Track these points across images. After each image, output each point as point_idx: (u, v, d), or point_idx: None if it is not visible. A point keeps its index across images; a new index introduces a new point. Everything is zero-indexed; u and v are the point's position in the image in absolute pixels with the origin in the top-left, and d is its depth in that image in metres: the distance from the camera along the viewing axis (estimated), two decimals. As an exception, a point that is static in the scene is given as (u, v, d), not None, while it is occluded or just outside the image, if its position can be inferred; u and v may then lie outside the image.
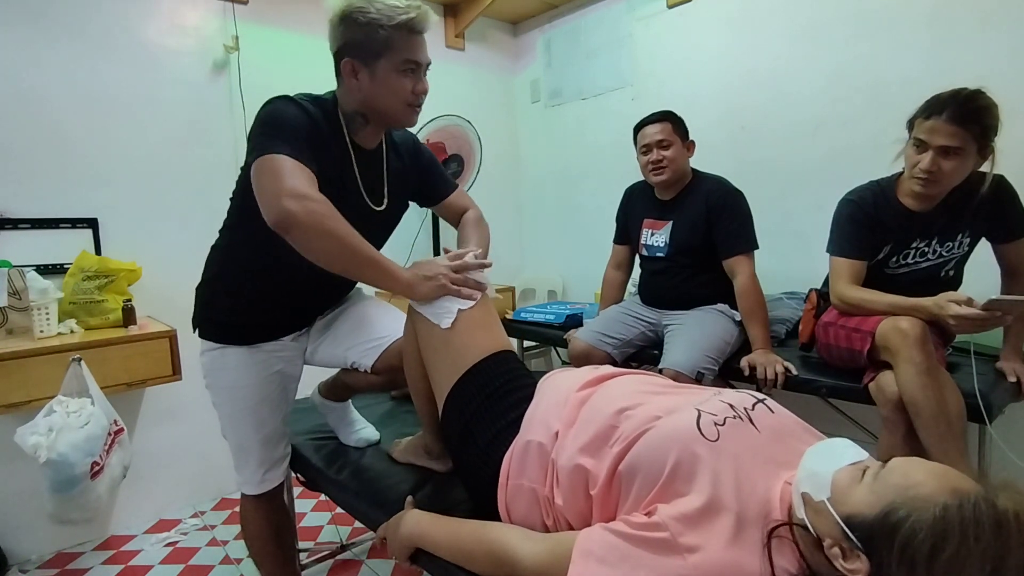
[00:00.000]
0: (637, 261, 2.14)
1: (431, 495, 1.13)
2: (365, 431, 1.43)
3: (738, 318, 1.83)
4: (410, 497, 1.07)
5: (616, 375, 1.02)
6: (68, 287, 1.87)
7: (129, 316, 1.91)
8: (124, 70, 2.07)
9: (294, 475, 1.48)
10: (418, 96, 1.15)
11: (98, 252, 2.02)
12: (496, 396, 1.02)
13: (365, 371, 1.31)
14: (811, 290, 1.75)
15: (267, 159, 1.00)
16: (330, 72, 1.17)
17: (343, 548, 1.95)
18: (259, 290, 1.26)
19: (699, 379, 1.65)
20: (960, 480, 0.64)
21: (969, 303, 1.29)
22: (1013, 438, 1.51)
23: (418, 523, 0.96)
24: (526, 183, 3.40)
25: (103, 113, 2.04)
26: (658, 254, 1.98)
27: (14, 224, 1.89)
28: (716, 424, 0.79)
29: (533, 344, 2.92)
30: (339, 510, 1.92)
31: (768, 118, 2.30)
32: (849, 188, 1.63)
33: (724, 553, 0.68)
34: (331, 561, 1.90)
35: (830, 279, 1.62)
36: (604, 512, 0.82)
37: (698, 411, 0.82)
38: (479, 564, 0.86)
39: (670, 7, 2.57)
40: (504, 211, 1.44)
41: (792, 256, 2.20)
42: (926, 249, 1.54)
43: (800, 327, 1.79)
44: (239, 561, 1.91)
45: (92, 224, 2.03)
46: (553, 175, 3.23)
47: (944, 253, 1.53)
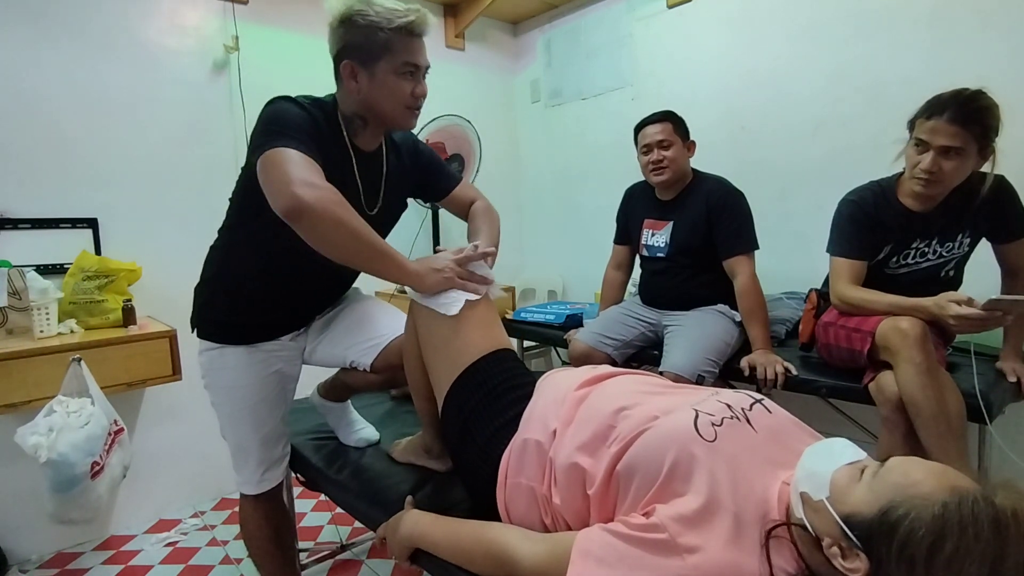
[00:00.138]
0: (637, 261, 2.14)
1: (431, 495, 1.13)
2: (365, 431, 1.43)
3: (738, 319, 1.83)
4: (410, 497, 1.08)
5: (615, 375, 1.02)
6: (68, 287, 1.87)
7: (129, 316, 1.92)
8: (124, 70, 2.07)
9: (294, 475, 1.48)
10: (417, 99, 1.15)
11: (98, 252, 2.02)
12: (495, 394, 1.02)
13: (365, 370, 1.31)
14: (811, 290, 1.75)
15: (274, 153, 1.00)
16: (330, 73, 1.18)
17: (343, 548, 1.95)
18: (258, 290, 1.26)
19: (699, 382, 1.65)
20: (959, 479, 0.64)
21: (969, 303, 1.29)
22: (1013, 438, 1.51)
23: (417, 523, 0.96)
24: (526, 183, 3.40)
25: (103, 113, 2.04)
26: (658, 254, 1.98)
27: (14, 224, 1.89)
28: (713, 424, 0.79)
29: (533, 344, 2.92)
30: (339, 510, 1.92)
31: (768, 118, 2.30)
32: (849, 188, 1.63)
33: (723, 553, 0.68)
34: (331, 561, 1.90)
35: (830, 279, 1.62)
36: (602, 512, 0.82)
37: (695, 411, 0.82)
38: (478, 564, 0.86)
39: (670, 7, 2.57)
40: (504, 211, 1.44)
41: (792, 256, 2.20)
42: (926, 249, 1.54)
43: (800, 327, 1.78)
44: (239, 561, 1.91)
45: (92, 224, 2.03)
46: (553, 175, 3.23)
47: (944, 253, 1.53)
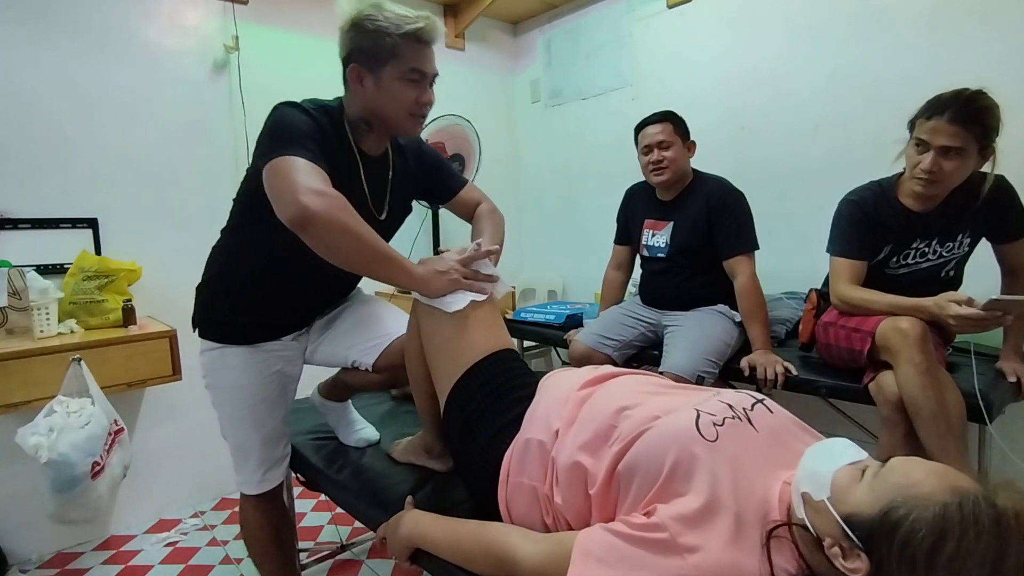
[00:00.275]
0: (638, 261, 2.14)
1: (431, 495, 1.13)
2: (365, 431, 1.43)
3: (738, 319, 1.83)
4: (410, 497, 1.08)
5: (617, 375, 1.02)
6: (68, 287, 1.87)
7: (129, 316, 1.92)
8: (124, 70, 2.07)
9: (294, 475, 1.48)
10: (422, 106, 1.14)
11: (98, 252, 2.02)
12: (497, 394, 1.02)
13: (366, 369, 1.31)
14: (811, 290, 1.75)
15: (280, 161, 1.00)
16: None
17: (343, 548, 1.95)
18: (260, 290, 1.26)
19: (699, 382, 1.65)
20: (960, 479, 0.64)
21: (969, 303, 1.29)
22: (1013, 438, 1.51)
23: (418, 523, 0.96)
24: (526, 183, 3.40)
25: (103, 113, 2.04)
26: (659, 254, 1.98)
27: (14, 224, 1.89)
28: (715, 424, 0.79)
29: (533, 344, 2.92)
30: (339, 510, 1.92)
31: (768, 118, 2.30)
32: (849, 188, 1.63)
33: (723, 553, 0.68)
34: (331, 561, 1.90)
35: (830, 279, 1.62)
36: (603, 512, 0.82)
37: (697, 411, 0.82)
38: (479, 564, 0.86)
39: (670, 7, 2.57)
40: (504, 211, 1.44)
41: (792, 256, 2.20)
42: (926, 249, 1.54)
43: (800, 327, 1.78)
44: (239, 561, 1.91)
45: (92, 224, 2.03)
46: (553, 175, 3.23)
47: (944, 253, 1.53)
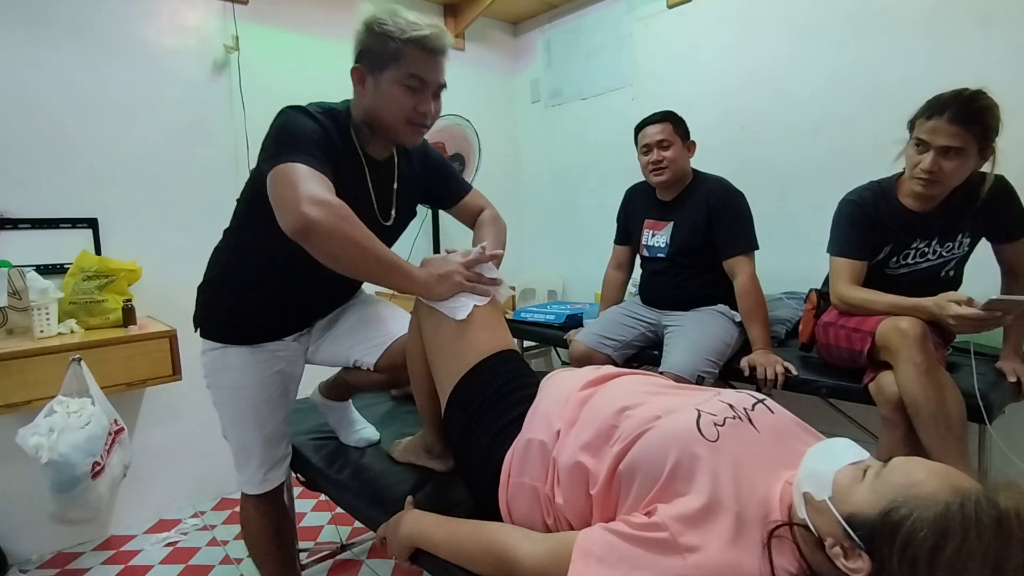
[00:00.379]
0: (638, 261, 2.14)
1: (431, 495, 1.13)
2: (365, 431, 1.43)
3: (738, 319, 1.83)
4: (410, 497, 1.08)
5: (618, 375, 1.02)
6: (68, 287, 1.87)
7: (129, 316, 1.91)
8: (124, 70, 2.07)
9: (294, 475, 1.48)
10: (421, 115, 1.13)
11: (98, 252, 2.02)
12: (499, 394, 1.02)
13: (368, 369, 1.31)
14: (811, 290, 1.75)
15: (283, 168, 1.00)
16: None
17: (343, 548, 1.95)
18: (262, 292, 1.26)
19: (699, 382, 1.65)
20: (961, 479, 0.64)
21: (969, 303, 1.29)
22: (1013, 438, 1.51)
23: (418, 523, 0.96)
24: (526, 183, 3.40)
25: (103, 113, 2.04)
26: (659, 255, 1.98)
27: (14, 224, 1.89)
28: (716, 424, 0.79)
29: (533, 344, 2.92)
30: (339, 510, 1.92)
31: (768, 118, 2.30)
32: (849, 188, 1.63)
33: (724, 553, 0.68)
34: (331, 561, 1.90)
35: (830, 279, 1.62)
36: (604, 512, 0.82)
37: (698, 411, 0.82)
38: (479, 564, 0.86)
39: (670, 7, 2.57)
40: (504, 211, 1.44)
41: (792, 256, 2.20)
42: (926, 249, 1.54)
43: (800, 327, 1.78)
44: (239, 561, 1.91)
45: (92, 224, 2.03)
46: (553, 175, 3.23)
47: (944, 253, 1.54)
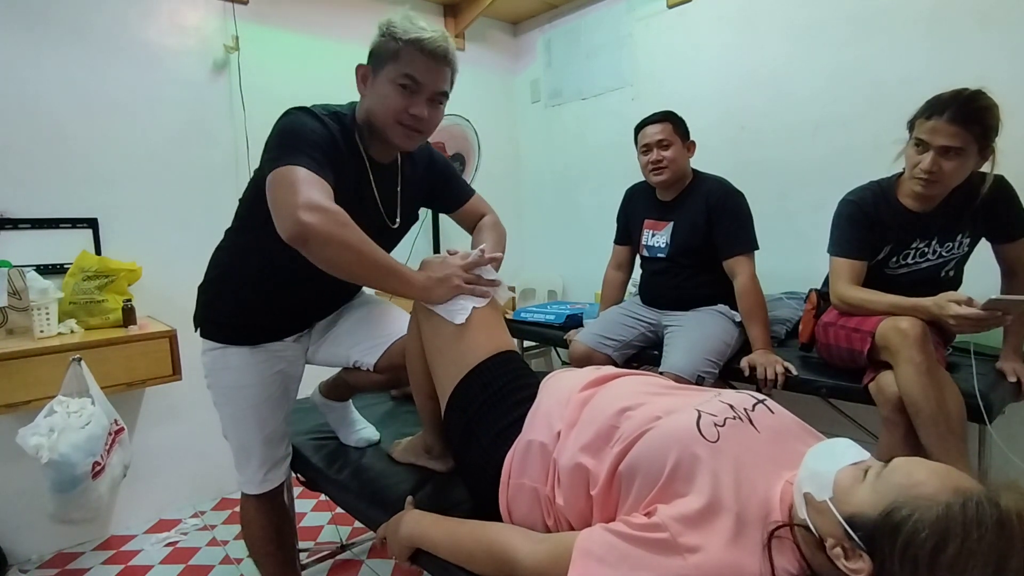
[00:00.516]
0: (638, 261, 2.14)
1: (431, 495, 1.13)
2: (365, 431, 1.43)
3: (738, 319, 1.83)
4: (410, 497, 1.08)
5: (619, 375, 1.02)
6: (68, 287, 1.87)
7: (129, 316, 1.91)
8: (124, 70, 2.07)
9: (294, 475, 1.48)
10: (412, 118, 1.12)
11: (98, 252, 2.02)
12: (499, 396, 1.02)
13: (367, 370, 1.31)
14: (811, 290, 1.75)
15: (283, 171, 0.99)
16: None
17: (343, 548, 1.95)
18: (263, 293, 1.25)
19: (699, 382, 1.65)
20: (962, 479, 0.64)
21: (969, 303, 1.29)
22: (1013, 438, 1.51)
23: (418, 523, 0.96)
24: (526, 183, 3.39)
25: (103, 113, 2.03)
26: (659, 255, 1.98)
27: (14, 224, 1.89)
28: (716, 425, 0.79)
29: (533, 344, 2.92)
30: (339, 510, 1.92)
31: (768, 118, 2.30)
32: (849, 188, 1.63)
33: (724, 553, 0.68)
34: (331, 561, 1.90)
35: (830, 279, 1.62)
36: (604, 512, 0.82)
37: (698, 412, 0.82)
38: (479, 564, 0.86)
39: (670, 7, 2.57)
40: (504, 211, 1.44)
41: (792, 256, 2.20)
42: (926, 249, 1.54)
43: (800, 327, 1.78)
44: (239, 561, 1.91)
45: (92, 224, 2.03)
46: (553, 175, 3.23)
47: (944, 253, 1.54)
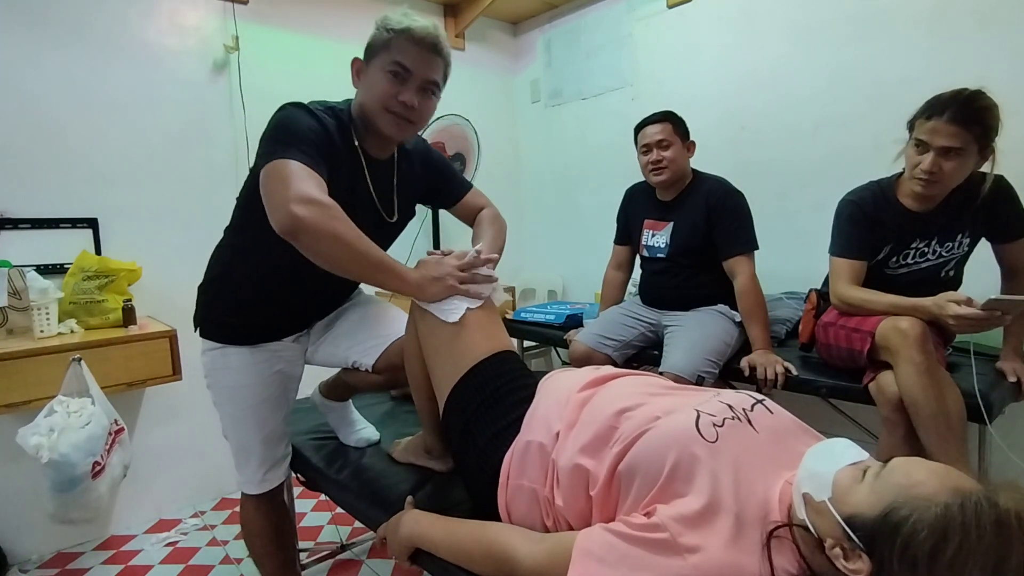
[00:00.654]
0: (638, 261, 2.14)
1: (431, 495, 1.13)
2: (365, 431, 1.43)
3: (738, 319, 1.83)
4: (410, 497, 1.08)
5: (617, 376, 1.02)
6: (68, 287, 1.87)
7: (129, 316, 1.91)
8: (124, 70, 2.07)
9: (294, 475, 1.48)
10: (402, 105, 1.11)
11: (98, 252, 2.02)
12: (497, 396, 1.02)
13: (366, 370, 1.31)
14: (811, 290, 1.75)
15: (276, 164, 1.00)
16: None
17: (343, 548, 1.95)
18: (261, 292, 1.25)
19: (699, 382, 1.65)
20: (961, 479, 0.64)
21: (969, 303, 1.29)
22: (1013, 438, 1.51)
23: (418, 523, 0.96)
24: (526, 183, 3.39)
25: (103, 113, 2.03)
26: (659, 255, 1.98)
27: (14, 224, 1.89)
28: (715, 425, 0.79)
29: (533, 344, 2.92)
30: (339, 510, 1.92)
31: (768, 118, 2.30)
32: (849, 188, 1.63)
33: (724, 553, 0.68)
34: (331, 561, 1.90)
35: (830, 279, 1.62)
36: (604, 513, 0.82)
37: (697, 412, 0.82)
38: (478, 564, 0.86)
39: (670, 7, 2.57)
40: (504, 211, 1.44)
41: (792, 256, 2.20)
42: (926, 249, 1.54)
43: (800, 327, 1.78)
44: (239, 561, 1.91)
45: (92, 224, 2.03)
46: (553, 175, 3.23)
47: (944, 253, 1.53)
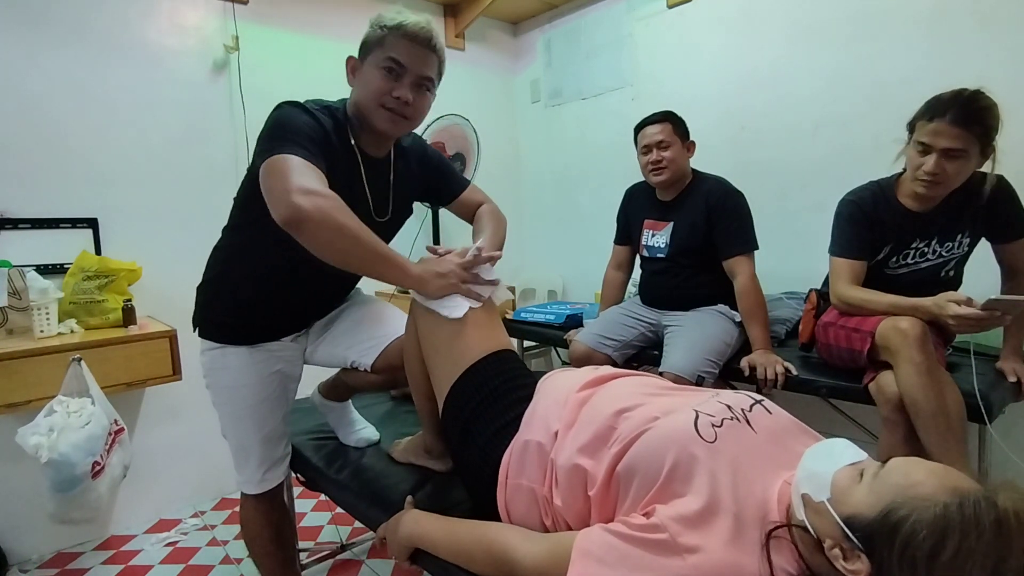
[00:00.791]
0: (637, 261, 2.14)
1: (431, 495, 1.13)
2: (365, 431, 1.43)
3: (738, 319, 1.83)
4: (410, 497, 1.08)
5: (617, 376, 1.02)
6: (68, 287, 1.87)
7: (129, 316, 1.91)
8: (124, 70, 2.07)
9: (294, 475, 1.48)
10: (396, 100, 1.11)
11: (98, 252, 2.02)
12: (496, 395, 1.02)
13: (365, 370, 1.31)
14: (811, 290, 1.75)
15: (276, 159, 1.00)
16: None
17: (343, 548, 1.95)
18: (260, 292, 1.25)
19: (699, 382, 1.65)
20: (960, 479, 0.64)
21: (969, 303, 1.29)
22: (1013, 438, 1.51)
23: (417, 523, 0.96)
24: (526, 183, 3.39)
25: (103, 113, 2.04)
26: (659, 255, 1.98)
27: (14, 224, 1.89)
28: (713, 426, 0.79)
29: (533, 344, 2.92)
30: (339, 510, 1.92)
31: (768, 118, 2.30)
32: (849, 188, 1.63)
33: (723, 554, 0.68)
34: (331, 561, 1.90)
35: (830, 279, 1.62)
36: (602, 513, 0.82)
37: (696, 412, 0.82)
38: (478, 564, 0.86)
39: (670, 7, 2.57)
40: (504, 211, 1.44)
41: (792, 256, 2.20)
42: (926, 249, 1.54)
43: (800, 327, 1.78)
44: (239, 561, 1.91)
45: (92, 224, 2.03)
46: (553, 175, 3.23)
47: (944, 253, 1.53)
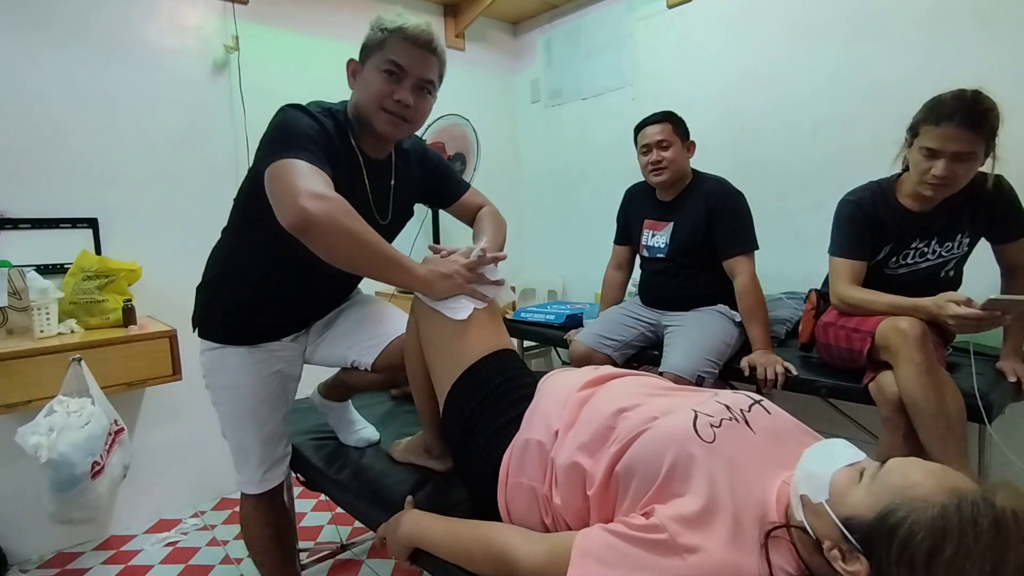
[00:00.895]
0: (637, 262, 2.14)
1: (431, 495, 1.13)
2: (365, 431, 1.44)
3: (738, 319, 1.83)
4: (410, 497, 1.08)
5: (617, 376, 1.02)
6: (68, 287, 1.87)
7: (129, 316, 1.92)
8: (124, 70, 2.07)
9: (294, 475, 1.48)
10: (396, 103, 1.11)
11: (98, 252, 2.02)
12: (497, 394, 1.02)
13: (366, 369, 1.31)
14: (811, 290, 1.75)
15: (281, 163, 1.00)
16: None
17: (343, 548, 1.95)
18: (260, 292, 1.26)
19: (699, 383, 1.65)
20: (958, 480, 0.64)
21: (968, 303, 1.29)
22: (1013, 438, 1.51)
23: (417, 523, 0.96)
24: (526, 183, 3.40)
25: (103, 113, 2.04)
26: (659, 255, 1.98)
27: (14, 224, 1.89)
28: (712, 426, 0.79)
29: (533, 344, 2.92)
30: (339, 510, 1.92)
31: (768, 118, 2.30)
32: (849, 188, 1.63)
33: (723, 553, 0.68)
34: (331, 561, 1.90)
35: (830, 279, 1.62)
36: (601, 513, 0.82)
37: (695, 412, 0.82)
38: (478, 564, 0.86)
39: (670, 7, 2.57)
40: (504, 211, 1.44)
41: (792, 256, 2.20)
42: (926, 249, 1.54)
43: (800, 327, 1.78)
44: (239, 561, 1.91)
45: (92, 224, 2.03)
46: (553, 175, 3.23)
47: (944, 253, 1.53)
